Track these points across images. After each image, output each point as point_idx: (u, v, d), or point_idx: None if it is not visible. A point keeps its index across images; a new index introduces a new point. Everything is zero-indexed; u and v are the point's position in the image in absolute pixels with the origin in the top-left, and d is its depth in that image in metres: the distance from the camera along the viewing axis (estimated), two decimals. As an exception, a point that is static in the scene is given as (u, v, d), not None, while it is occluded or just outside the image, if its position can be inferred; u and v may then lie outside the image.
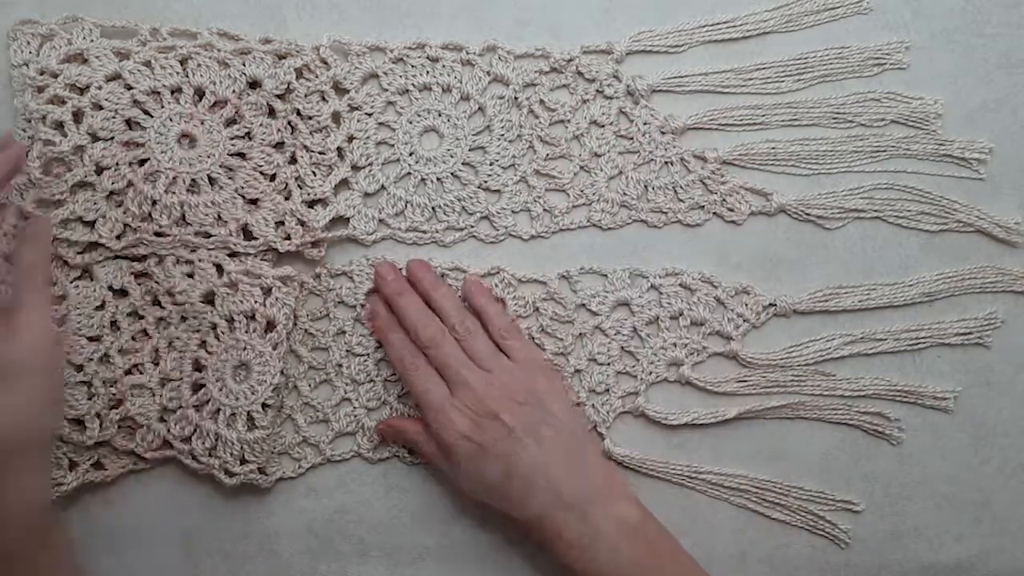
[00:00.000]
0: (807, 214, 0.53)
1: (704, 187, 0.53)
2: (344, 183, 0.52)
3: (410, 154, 0.52)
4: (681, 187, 0.53)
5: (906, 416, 0.53)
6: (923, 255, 0.53)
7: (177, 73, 0.50)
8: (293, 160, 0.51)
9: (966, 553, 0.52)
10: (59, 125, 0.49)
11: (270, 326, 0.50)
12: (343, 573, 0.52)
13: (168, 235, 0.49)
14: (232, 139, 0.50)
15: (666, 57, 0.53)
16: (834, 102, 0.53)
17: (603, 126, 0.53)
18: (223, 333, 0.49)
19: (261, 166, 0.50)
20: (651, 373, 0.52)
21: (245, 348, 0.49)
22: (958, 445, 0.53)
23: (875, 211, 0.53)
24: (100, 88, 0.49)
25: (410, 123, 0.52)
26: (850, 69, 0.53)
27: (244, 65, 0.50)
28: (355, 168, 0.52)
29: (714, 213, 0.53)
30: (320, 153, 0.51)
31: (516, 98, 0.52)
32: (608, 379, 0.52)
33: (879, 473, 0.53)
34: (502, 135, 0.52)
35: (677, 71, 0.53)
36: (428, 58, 0.52)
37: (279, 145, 0.51)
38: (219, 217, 0.49)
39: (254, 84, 0.50)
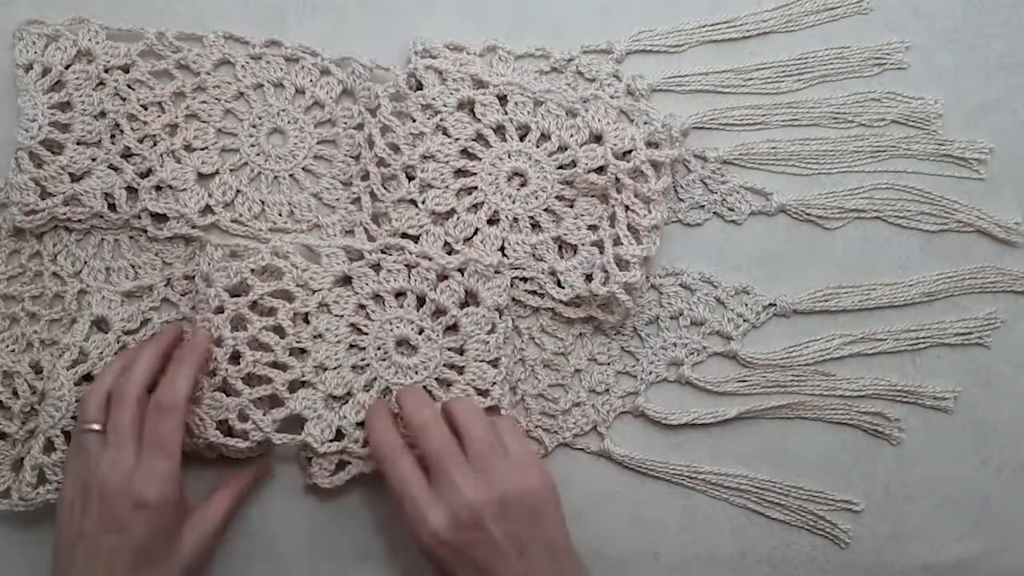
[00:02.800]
0: (807, 214, 0.53)
1: (704, 187, 0.53)
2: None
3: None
4: (681, 187, 0.53)
5: (906, 416, 0.53)
6: (923, 255, 0.53)
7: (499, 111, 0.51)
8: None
9: (966, 553, 0.52)
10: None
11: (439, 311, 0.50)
12: (343, 573, 0.52)
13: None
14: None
15: (666, 57, 0.53)
16: (834, 102, 0.53)
17: (603, 126, 0.53)
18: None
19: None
20: (651, 373, 0.52)
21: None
22: (958, 445, 0.53)
23: (875, 211, 0.53)
24: (451, 113, 0.50)
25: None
26: (850, 69, 0.53)
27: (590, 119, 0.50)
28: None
29: (714, 213, 0.53)
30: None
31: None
32: (608, 379, 0.52)
33: (879, 473, 0.53)
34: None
35: (677, 71, 0.53)
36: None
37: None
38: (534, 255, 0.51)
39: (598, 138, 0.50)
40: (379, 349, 0.50)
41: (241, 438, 0.48)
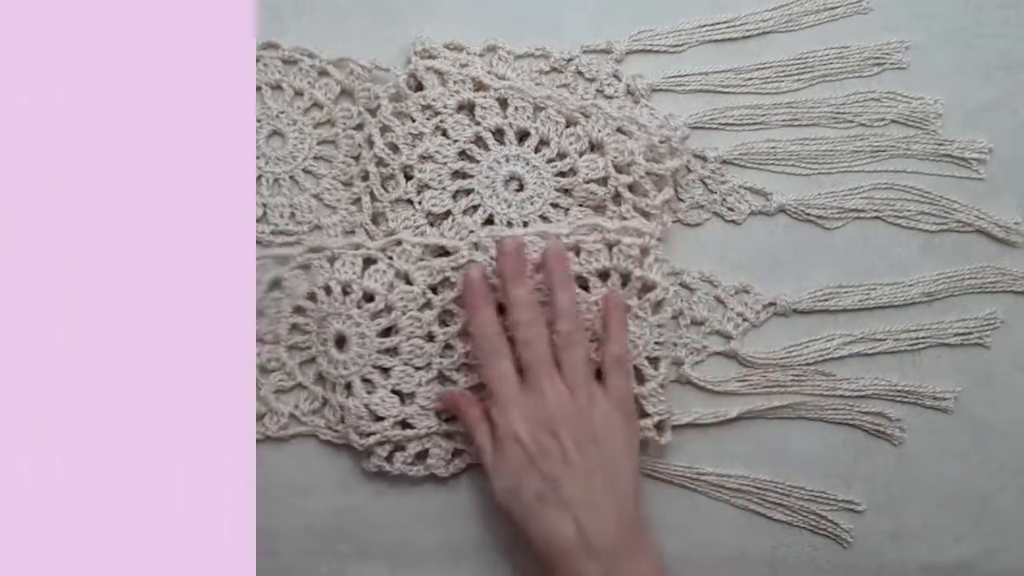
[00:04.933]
0: (807, 214, 0.53)
1: (704, 186, 0.53)
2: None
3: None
4: (681, 187, 0.53)
5: (906, 416, 0.53)
6: (923, 255, 0.53)
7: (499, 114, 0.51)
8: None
9: (966, 553, 0.52)
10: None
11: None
12: (343, 573, 0.52)
13: None
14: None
15: (666, 56, 0.53)
16: (834, 102, 0.53)
17: (603, 126, 0.53)
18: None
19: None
20: (651, 373, 0.52)
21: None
22: (958, 445, 0.53)
23: (875, 211, 0.53)
24: (451, 115, 0.50)
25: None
26: (850, 69, 0.53)
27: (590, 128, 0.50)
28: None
29: (714, 213, 0.53)
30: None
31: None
32: (608, 379, 0.52)
33: (880, 473, 0.53)
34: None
35: (677, 70, 0.53)
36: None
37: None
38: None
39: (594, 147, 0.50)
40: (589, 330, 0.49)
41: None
